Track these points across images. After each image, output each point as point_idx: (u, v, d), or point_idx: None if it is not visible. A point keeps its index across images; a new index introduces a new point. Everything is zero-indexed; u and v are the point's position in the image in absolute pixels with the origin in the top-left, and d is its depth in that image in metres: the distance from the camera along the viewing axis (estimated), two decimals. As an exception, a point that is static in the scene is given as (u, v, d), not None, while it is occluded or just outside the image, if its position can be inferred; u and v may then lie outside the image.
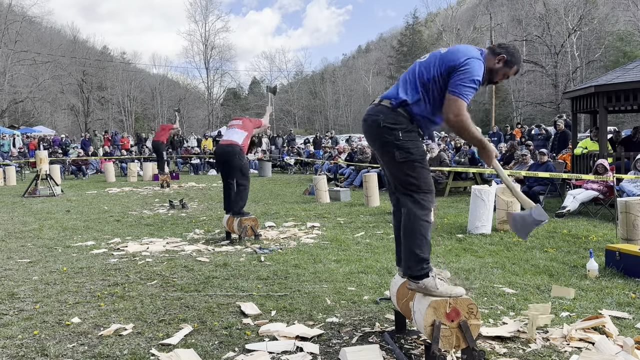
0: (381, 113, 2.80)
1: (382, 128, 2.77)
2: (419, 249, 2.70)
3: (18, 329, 3.36)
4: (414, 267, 2.69)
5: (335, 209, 9.05)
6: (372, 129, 2.84)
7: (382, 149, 2.81)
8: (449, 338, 2.56)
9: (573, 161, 10.04)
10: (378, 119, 2.79)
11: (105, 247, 6.08)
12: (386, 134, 2.76)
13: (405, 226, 2.75)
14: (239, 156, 6.23)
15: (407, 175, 2.74)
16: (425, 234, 2.72)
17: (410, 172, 2.74)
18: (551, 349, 2.91)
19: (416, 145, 2.76)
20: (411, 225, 2.72)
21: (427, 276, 2.67)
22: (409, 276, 2.73)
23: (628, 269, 4.30)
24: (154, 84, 57.88)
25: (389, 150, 2.76)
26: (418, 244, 2.70)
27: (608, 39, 40.60)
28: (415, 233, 2.71)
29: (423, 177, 2.75)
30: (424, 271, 2.68)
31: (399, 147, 2.73)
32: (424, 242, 2.71)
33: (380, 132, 2.78)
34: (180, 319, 3.50)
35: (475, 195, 6.53)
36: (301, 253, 5.48)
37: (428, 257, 2.72)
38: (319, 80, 64.87)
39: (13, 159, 20.33)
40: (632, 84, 8.48)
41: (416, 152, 2.74)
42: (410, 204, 2.75)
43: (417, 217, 2.71)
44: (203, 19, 54.45)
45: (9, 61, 38.35)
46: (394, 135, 2.74)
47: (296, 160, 20.61)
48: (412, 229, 2.72)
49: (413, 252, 2.71)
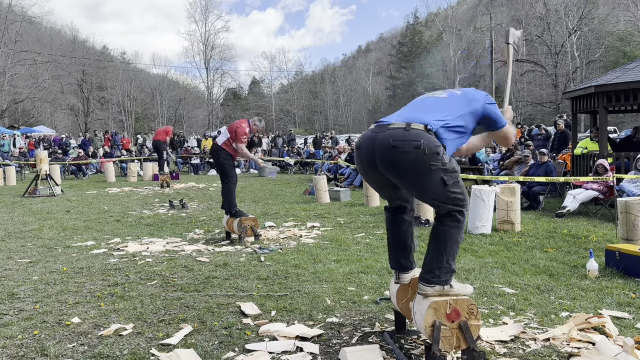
0: (421, 137, 2.57)
1: (428, 154, 2.55)
2: (453, 261, 2.72)
3: (18, 329, 3.36)
4: (444, 276, 2.69)
5: (335, 209, 9.05)
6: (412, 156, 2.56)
7: (425, 175, 2.60)
8: (449, 339, 2.56)
9: (573, 161, 10.03)
10: (420, 143, 2.55)
11: (105, 247, 6.08)
12: (433, 160, 2.56)
13: (448, 238, 2.70)
14: (217, 153, 6.45)
15: (454, 194, 2.66)
16: (460, 244, 2.78)
17: (457, 190, 2.67)
18: (551, 349, 2.91)
19: (454, 162, 2.72)
20: (454, 237, 2.71)
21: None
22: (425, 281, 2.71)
23: (628, 269, 4.30)
24: (154, 84, 57.88)
25: (436, 176, 2.59)
26: (453, 257, 2.72)
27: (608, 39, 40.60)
28: (455, 246, 2.71)
29: (464, 188, 2.75)
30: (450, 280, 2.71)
31: (447, 170, 2.60)
32: (456, 254, 2.76)
33: (424, 158, 2.55)
34: (180, 319, 3.50)
35: (475, 195, 6.53)
36: (301, 253, 5.48)
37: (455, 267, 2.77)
38: (319, 80, 64.88)
39: (13, 159, 20.33)
40: (632, 84, 8.48)
41: (457, 167, 2.70)
42: (461, 216, 2.70)
43: (459, 229, 2.71)
44: (203, 19, 54.58)
45: (9, 61, 38.35)
46: (440, 160, 2.58)
47: (296, 160, 20.62)
48: (456, 241, 2.71)
49: (448, 264, 2.69)
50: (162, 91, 56.78)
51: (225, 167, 6.43)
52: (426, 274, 2.70)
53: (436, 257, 2.70)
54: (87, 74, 49.34)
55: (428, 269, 2.70)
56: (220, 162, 6.44)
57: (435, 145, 2.58)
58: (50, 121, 46.49)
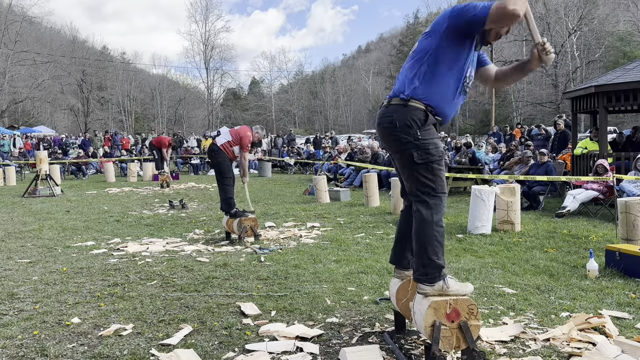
0: (395, 112, 2.68)
1: (399, 127, 2.64)
2: (436, 256, 2.64)
3: (18, 329, 3.36)
4: (432, 273, 2.65)
5: (335, 209, 9.04)
6: (388, 130, 2.71)
7: (400, 150, 2.69)
8: (449, 339, 2.56)
9: (573, 161, 10.04)
10: (393, 118, 2.67)
11: (105, 247, 6.08)
12: (404, 134, 2.64)
13: (420, 233, 2.66)
14: (214, 153, 6.38)
15: (424, 177, 2.64)
16: (441, 239, 2.67)
17: (427, 174, 2.64)
18: (551, 349, 2.90)
19: (435, 144, 2.65)
20: (427, 231, 2.64)
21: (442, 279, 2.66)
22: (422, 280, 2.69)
23: (628, 269, 4.29)
24: (154, 84, 57.88)
25: (407, 150, 2.64)
26: (435, 251, 2.64)
27: (608, 39, 40.61)
28: (432, 240, 2.63)
29: (440, 179, 2.67)
30: (441, 277, 2.66)
31: (418, 147, 2.62)
32: (440, 249, 2.66)
33: (397, 132, 2.66)
34: (180, 319, 3.49)
35: (475, 196, 6.53)
36: (301, 253, 5.47)
37: (444, 262, 2.68)
38: (319, 80, 64.88)
39: (13, 159, 20.33)
40: (632, 84, 8.48)
41: (435, 152, 2.64)
42: (424, 210, 2.65)
43: (432, 222, 2.63)
44: (203, 19, 54.59)
45: (8, 61, 38.35)
46: (412, 134, 2.62)
47: (296, 160, 20.61)
48: (428, 235, 2.64)
49: (430, 259, 2.64)
50: (162, 91, 56.78)
51: (222, 166, 6.37)
52: (415, 272, 2.72)
53: (417, 252, 2.71)
54: (87, 74, 49.34)
55: (415, 267, 2.72)
56: (217, 161, 6.37)
57: (408, 118, 2.63)
58: (50, 121, 46.49)
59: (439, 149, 2.68)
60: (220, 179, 6.43)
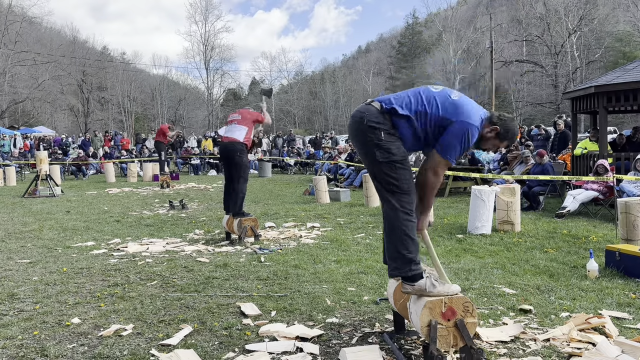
0: (367, 112, 2.80)
1: (365, 126, 2.76)
2: (406, 250, 2.67)
3: (18, 330, 3.36)
4: (403, 267, 2.68)
5: (335, 210, 9.05)
6: (356, 125, 2.83)
7: (364, 148, 2.81)
8: (446, 337, 2.56)
9: (573, 162, 10.04)
10: (363, 116, 2.79)
11: (105, 247, 6.08)
12: (369, 133, 2.76)
13: (389, 227, 2.74)
14: (239, 153, 6.13)
15: (387, 176, 2.73)
16: (410, 233, 2.70)
17: (391, 173, 2.72)
18: (551, 349, 2.91)
19: (397, 146, 2.75)
20: (394, 225, 2.71)
21: (421, 277, 2.66)
22: (402, 278, 2.71)
23: (628, 269, 4.29)
24: (154, 84, 57.87)
25: (370, 149, 2.76)
26: (404, 245, 2.68)
27: (608, 39, 40.62)
28: (400, 233, 2.69)
29: (403, 178, 2.73)
30: (415, 272, 2.66)
31: (380, 147, 2.73)
32: (409, 242, 2.69)
33: (363, 129, 2.78)
34: (180, 320, 3.50)
35: (475, 196, 6.53)
36: (301, 253, 5.48)
37: (416, 257, 2.70)
38: (319, 80, 64.88)
39: (13, 160, 20.33)
40: (632, 84, 8.48)
41: (397, 152, 2.73)
42: (389, 206, 2.74)
43: (398, 217, 2.70)
44: (203, 20, 54.59)
45: (9, 61, 38.35)
46: (375, 134, 2.74)
47: (296, 160, 20.61)
48: (396, 229, 2.70)
49: (400, 253, 2.68)
50: (162, 91, 56.77)
51: (242, 167, 6.15)
52: (389, 267, 2.79)
53: (387, 247, 2.78)
54: (87, 75, 49.34)
55: (388, 262, 2.79)
56: (236, 161, 6.11)
57: (376, 121, 2.76)
58: (51, 122, 46.49)
59: (401, 150, 2.76)
60: (238, 179, 6.18)
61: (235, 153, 6.14)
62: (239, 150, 6.12)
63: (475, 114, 2.78)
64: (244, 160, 6.19)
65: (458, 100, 2.79)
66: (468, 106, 2.78)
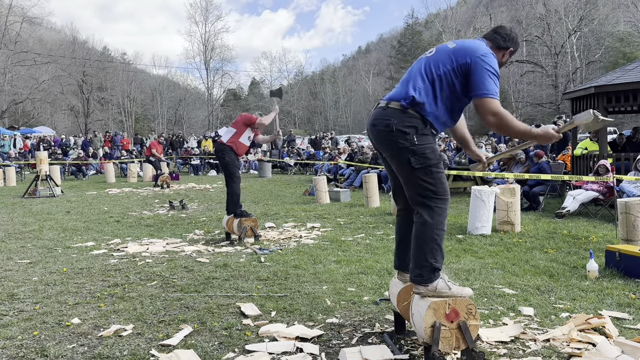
0: (392, 117, 2.66)
1: (396, 132, 2.62)
2: (434, 259, 2.63)
3: (18, 330, 3.36)
4: (427, 275, 2.64)
5: (335, 210, 9.04)
6: (384, 134, 2.68)
7: (396, 155, 2.67)
8: (449, 339, 2.56)
9: (573, 162, 10.04)
10: (390, 122, 2.64)
11: (105, 247, 6.08)
12: (400, 139, 2.62)
13: (420, 235, 2.64)
14: (221, 154, 6.34)
15: (423, 182, 2.62)
16: (441, 242, 2.65)
17: (426, 178, 2.61)
18: (551, 349, 2.90)
19: (432, 148, 2.64)
20: (426, 234, 2.62)
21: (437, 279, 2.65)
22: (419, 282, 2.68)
23: (628, 269, 4.29)
24: (154, 85, 57.86)
25: (404, 156, 2.62)
26: (433, 254, 2.63)
27: (608, 39, 40.63)
28: (431, 242, 2.62)
29: (440, 183, 2.64)
30: (435, 279, 2.65)
31: (415, 152, 2.60)
32: (438, 252, 2.64)
33: (393, 137, 2.64)
34: (180, 320, 3.49)
35: (475, 196, 6.53)
36: (301, 254, 5.48)
37: (441, 266, 2.67)
38: (319, 80, 64.90)
39: (13, 160, 20.33)
40: (632, 84, 8.49)
41: (433, 156, 2.62)
42: (426, 213, 2.63)
43: (433, 226, 2.61)
44: (203, 20, 54.60)
45: (9, 62, 38.34)
46: (407, 139, 2.61)
47: (296, 161, 20.61)
48: (428, 238, 2.62)
49: (428, 262, 2.63)
50: (162, 92, 56.76)
51: (230, 167, 6.35)
52: (411, 272, 2.72)
53: (414, 253, 2.70)
54: (87, 75, 49.29)
55: (412, 267, 2.72)
56: (225, 161, 6.34)
57: (405, 125, 2.63)
58: (51, 122, 46.47)
59: (436, 153, 2.66)
60: (229, 180, 6.38)
61: (218, 153, 6.42)
62: (221, 151, 6.35)
63: (480, 45, 2.71)
64: (227, 160, 6.32)
65: (458, 45, 2.72)
66: (469, 43, 2.72)
